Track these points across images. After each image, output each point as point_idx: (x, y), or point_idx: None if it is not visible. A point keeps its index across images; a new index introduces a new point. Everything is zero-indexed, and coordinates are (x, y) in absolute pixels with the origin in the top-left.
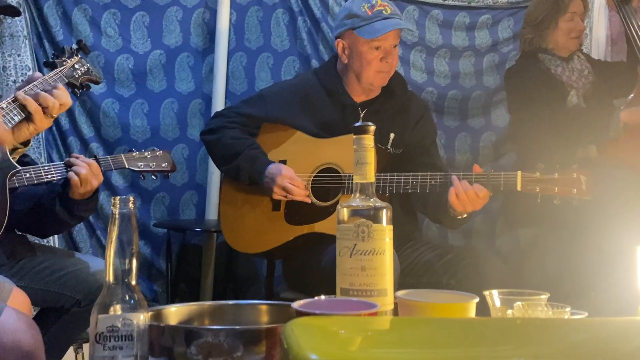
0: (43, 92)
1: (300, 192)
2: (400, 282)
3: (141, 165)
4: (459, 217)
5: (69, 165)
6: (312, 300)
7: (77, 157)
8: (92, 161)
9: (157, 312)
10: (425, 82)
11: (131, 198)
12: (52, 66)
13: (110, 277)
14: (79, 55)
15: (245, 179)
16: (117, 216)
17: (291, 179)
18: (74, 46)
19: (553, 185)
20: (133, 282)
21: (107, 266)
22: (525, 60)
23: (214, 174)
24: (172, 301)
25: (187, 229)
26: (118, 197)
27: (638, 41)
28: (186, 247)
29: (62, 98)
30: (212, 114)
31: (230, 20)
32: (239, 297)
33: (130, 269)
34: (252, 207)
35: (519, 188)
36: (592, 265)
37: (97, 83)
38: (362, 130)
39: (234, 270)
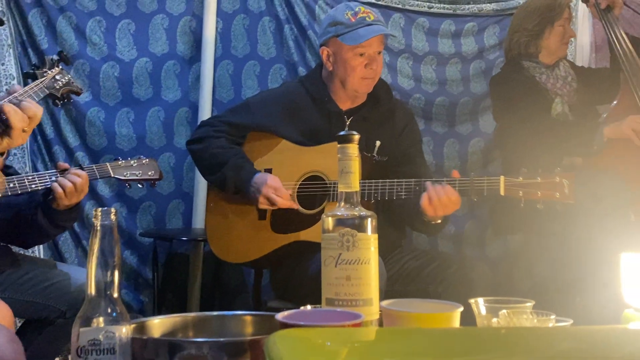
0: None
1: (285, 203)
2: (387, 290)
3: (127, 173)
4: (433, 222)
5: (61, 170)
6: (297, 311)
7: (65, 170)
8: (82, 173)
9: (140, 324)
10: (413, 88)
11: (113, 210)
12: (32, 77)
13: (92, 289)
14: (60, 66)
15: (231, 188)
16: (98, 228)
17: (276, 189)
18: (55, 57)
19: (536, 189)
20: (115, 295)
21: (89, 279)
22: (510, 68)
23: (201, 183)
24: (158, 311)
25: (174, 238)
26: (100, 209)
27: (620, 48)
28: (173, 257)
29: (30, 110)
30: (199, 122)
31: (216, 28)
32: (227, 306)
33: (112, 282)
34: (238, 216)
35: (502, 193)
36: (577, 270)
37: (78, 94)
38: (347, 140)
39: (221, 280)
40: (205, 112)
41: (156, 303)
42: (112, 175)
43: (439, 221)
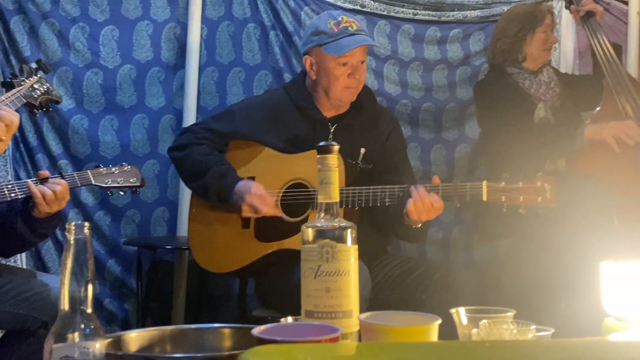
0: None
1: (269, 211)
2: (372, 298)
3: (108, 181)
4: (414, 226)
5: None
6: (274, 325)
7: (45, 177)
8: (62, 181)
9: (116, 338)
10: (400, 94)
11: (87, 224)
12: (9, 86)
13: (65, 305)
14: (39, 75)
15: (214, 196)
16: (72, 242)
17: (260, 197)
18: (33, 65)
19: (518, 194)
20: (89, 310)
21: (62, 294)
22: (494, 74)
23: (186, 190)
24: (143, 320)
25: (158, 247)
26: (73, 223)
27: (602, 55)
28: (157, 265)
29: (6, 119)
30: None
31: (201, 35)
32: (212, 315)
33: (86, 297)
34: (222, 225)
35: (484, 198)
36: (562, 276)
37: (57, 103)
38: (326, 150)
39: (207, 288)
40: (190, 119)
41: (140, 312)
42: (93, 183)
43: (420, 225)
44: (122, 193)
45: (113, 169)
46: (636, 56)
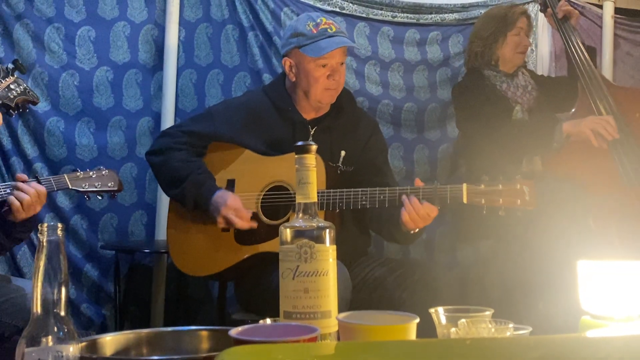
0: None
1: (244, 225)
2: (352, 299)
3: (85, 185)
4: (412, 232)
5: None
6: (251, 326)
7: (23, 181)
8: (40, 187)
9: (91, 342)
10: (381, 94)
11: (60, 225)
12: None
13: (37, 308)
14: (15, 75)
15: (191, 204)
16: (44, 244)
17: (235, 210)
18: (10, 65)
19: (497, 196)
20: (62, 313)
21: (34, 297)
22: (471, 77)
23: (164, 194)
24: (121, 325)
25: (136, 251)
26: (46, 224)
27: (577, 57)
28: (135, 269)
29: None
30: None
31: (179, 37)
32: (191, 319)
33: (59, 299)
34: (201, 228)
35: (464, 200)
36: (540, 276)
37: (34, 103)
38: (304, 150)
39: (186, 292)
40: (168, 122)
41: (118, 317)
42: (70, 187)
43: (417, 230)
44: (99, 197)
45: (90, 173)
46: (610, 58)
